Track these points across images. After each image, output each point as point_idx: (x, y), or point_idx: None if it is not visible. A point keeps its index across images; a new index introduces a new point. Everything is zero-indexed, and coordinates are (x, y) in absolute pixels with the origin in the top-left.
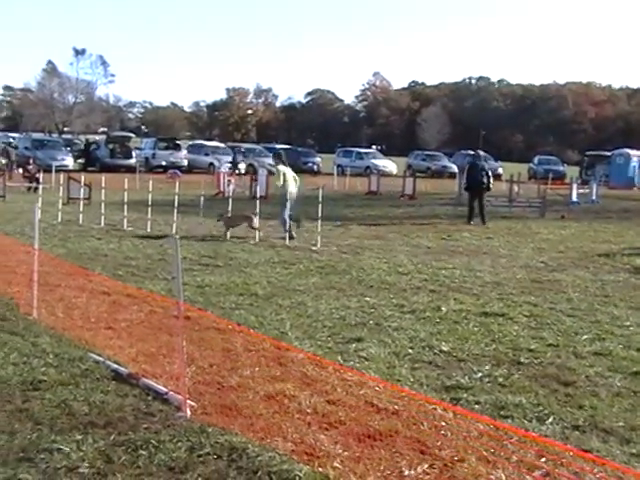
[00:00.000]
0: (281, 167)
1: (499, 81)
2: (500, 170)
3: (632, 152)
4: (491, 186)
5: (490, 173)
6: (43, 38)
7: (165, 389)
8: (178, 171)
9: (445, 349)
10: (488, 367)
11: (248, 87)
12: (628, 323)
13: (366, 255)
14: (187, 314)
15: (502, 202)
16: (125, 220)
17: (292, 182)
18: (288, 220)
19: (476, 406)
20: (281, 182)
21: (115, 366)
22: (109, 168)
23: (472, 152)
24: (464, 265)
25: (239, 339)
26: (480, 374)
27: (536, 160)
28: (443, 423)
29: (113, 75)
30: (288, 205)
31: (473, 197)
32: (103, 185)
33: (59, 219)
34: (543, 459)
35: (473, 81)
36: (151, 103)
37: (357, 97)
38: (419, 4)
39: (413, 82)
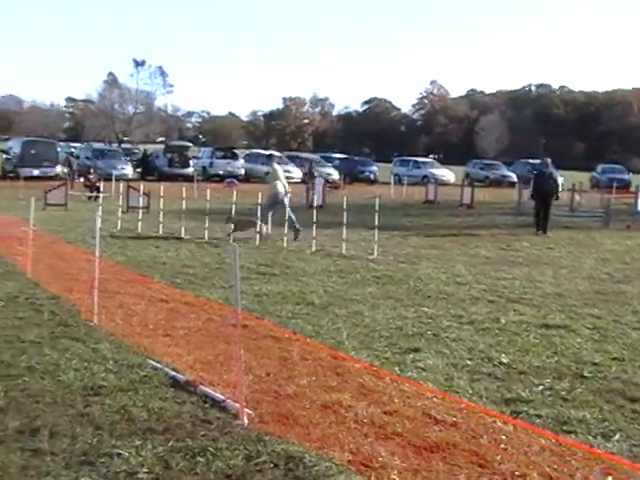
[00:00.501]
0: (276, 166)
1: (560, 88)
2: (561, 179)
3: None
4: (559, 195)
5: (559, 181)
6: (104, 50)
7: (222, 397)
8: (235, 180)
9: (505, 361)
10: (549, 380)
11: (304, 96)
12: None
13: (424, 265)
14: (244, 322)
15: (563, 212)
16: (183, 228)
17: (282, 182)
18: (269, 218)
19: (537, 420)
20: (277, 180)
21: (173, 373)
22: (167, 177)
23: (539, 160)
24: (524, 276)
25: (296, 348)
26: (541, 387)
27: (599, 169)
28: (503, 437)
29: (172, 85)
30: (278, 204)
31: (539, 205)
32: (161, 194)
33: (119, 227)
34: (610, 478)
35: (533, 88)
36: (209, 113)
37: (414, 106)
38: (476, 11)
39: (471, 90)
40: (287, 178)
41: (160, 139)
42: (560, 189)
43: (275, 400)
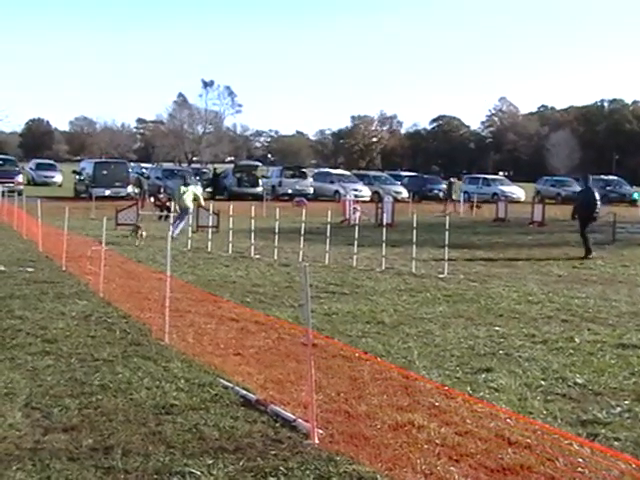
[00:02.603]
0: (191, 187)
1: (633, 102)
2: (635, 195)
3: None
4: (595, 215)
5: (598, 200)
6: (173, 71)
7: (293, 416)
8: (304, 199)
9: (580, 382)
10: (628, 402)
11: (373, 114)
12: None
13: (494, 283)
14: (314, 341)
15: (638, 229)
16: (252, 247)
17: (190, 199)
18: (189, 228)
19: (615, 443)
20: (187, 198)
21: (244, 392)
22: (237, 196)
23: (612, 176)
24: (598, 294)
25: (366, 367)
26: (619, 409)
27: None
28: (580, 460)
29: (240, 105)
30: (188, 217)
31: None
32: (231, 213)
33: (189, 246)
34: None
35: (605, 104)
36: (277, 132)
37: (483, 123)
38: (545, 27)
39: (542, 106)
40: (356, 197)
41: (229, 159)
42: (597, 208)
43: (346, 420)
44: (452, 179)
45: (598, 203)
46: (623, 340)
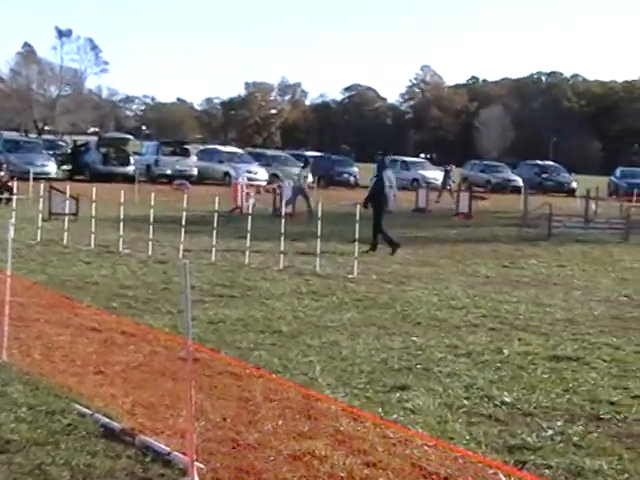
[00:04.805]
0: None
1: (573, 76)
2: (574, 184)
3: None
4: (385, 206)
5: (387, 187)
6: (19, 15)
7: (167, 448)
8: (186, 182)
9: (508, 400)
10: (560, 423)
11: (272, 82)
12: None
13: (412, 285)
14: (196, 356)
15: (576, 223)
16: (121, 241)
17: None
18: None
19: (546, 471)
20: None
21: (105, 420)
22: (101, 177)
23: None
24: (531, 298)
25: (259, 386)
26: (550, 431)
27: (618, 173)
28: None
29: (106, 63)
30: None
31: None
32: (94, 198)
33: (38, 238)
34: None
35: (542, 77)
36: (153, 98)
37: (402, 95)
38: None
39: (472, 78)
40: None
41: (92, 129)
42: (386, 198)
43: (233, 451)
44: (448, 167)
45: (387, 192)
46: (557, 351)
